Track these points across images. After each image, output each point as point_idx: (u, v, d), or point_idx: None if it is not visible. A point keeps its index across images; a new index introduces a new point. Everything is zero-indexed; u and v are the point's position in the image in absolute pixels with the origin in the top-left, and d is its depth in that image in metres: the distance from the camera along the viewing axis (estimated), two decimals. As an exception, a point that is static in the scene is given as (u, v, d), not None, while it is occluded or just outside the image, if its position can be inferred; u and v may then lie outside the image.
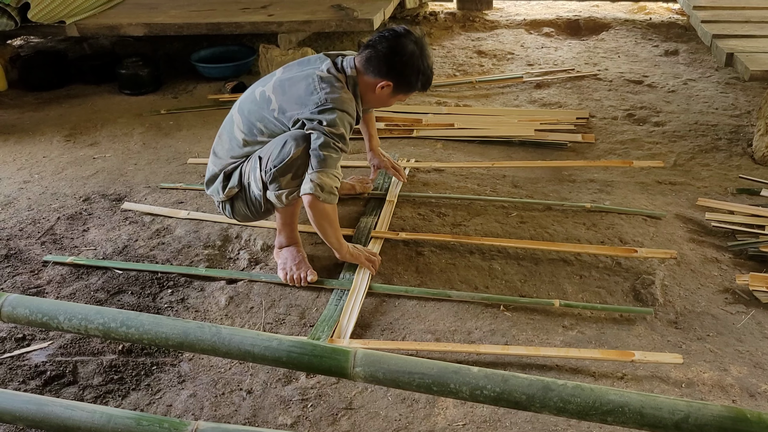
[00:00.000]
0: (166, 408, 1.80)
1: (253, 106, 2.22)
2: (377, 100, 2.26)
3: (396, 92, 2.21)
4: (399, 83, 2.18)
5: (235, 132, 2.24)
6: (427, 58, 2.19)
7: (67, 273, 2.33)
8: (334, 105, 2.07)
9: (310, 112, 2.08)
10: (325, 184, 2.06)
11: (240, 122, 2.23)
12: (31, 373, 1.90)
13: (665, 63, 4.16)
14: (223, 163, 2.26)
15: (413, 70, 2.16)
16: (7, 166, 3.15)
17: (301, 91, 2.12)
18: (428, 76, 2.21)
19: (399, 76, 2.17)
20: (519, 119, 3.40)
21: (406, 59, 2.14)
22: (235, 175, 2.24)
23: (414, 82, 2.19)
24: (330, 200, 2.10)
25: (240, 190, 2.25)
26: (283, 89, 2.17)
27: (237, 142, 2.23)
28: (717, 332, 2.00)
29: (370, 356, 1.23)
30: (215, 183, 2.29)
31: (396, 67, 2.15)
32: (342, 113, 2.08)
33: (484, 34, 4.83)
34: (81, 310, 1.34)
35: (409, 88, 2.21)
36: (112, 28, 3.94)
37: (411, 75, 2.17)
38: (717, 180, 2.82)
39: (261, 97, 2.21)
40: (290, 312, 2.14)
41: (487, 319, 2.07)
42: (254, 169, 2.16)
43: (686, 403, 1.11)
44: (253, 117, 2.20)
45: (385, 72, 2.16)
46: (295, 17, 3.81)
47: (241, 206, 2.28)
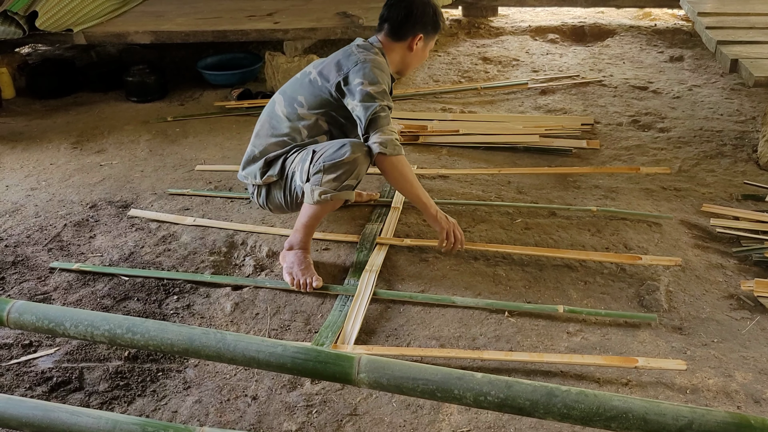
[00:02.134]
0: (171, 414, 1.80)
1: (293, 84, 2.40)
2: (418, 56, 2.39)
3: (427, 40, 2.37)
4: (426, 30, 2.34)
5: (277, 111, 2.37)
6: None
7: (74, 280, 2.35)
8: (372, 64, 2.22)
9: (350, 70, 2.22)
10: (386, 141, 2.16)
11: (282, 101, 2.37)
12: (38, 380, 1.91)
13: (670, 69, 4.16)
14: (264, 144, 2.34)
15: (429, 12, 2.32)
16: (15, 173, 3.17)
17: (339, 57, 2.30)
18: (440, 12, 2.38)
19: (424, 25, 2.32)
20: (524, 125, 3.40)
21: (418, 7, 2.30)
22: (277, 164, 2.32)
23: (436, 21, 2.35)
24: (397, 151, 2.19)
25: (280, 179, 2.32)
26: (324, 62, 2.35)
27: (278, 119, 2.35)
28: (722, 338, 2.00)
29: (374, 362, 1.24)
30: (253, 166, 2.37)
31: (419, 18, 2.31)
32: (380, 71, 2.22)
33: (489, 40, 4.84)
34: (87, 317, 1.35)
35: (434, 29, 2.37)
36: (119, 36, 3.97)
37: (430, 17, 2.33)
38: (722, 186, 2.81)
39: (301, 75, 2.39)
40: (295, 318, 2.15)
41: (492, 325, 2.07)
42: (304, 161, 2.22)
43: (690, 409, 1.11)
44: (294, 92, 2.36)
45: (412, 28, 2.31)
46: (300, 24, 3.83)
47: (277, 195, 2.36)
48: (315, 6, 4.20)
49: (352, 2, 4.17)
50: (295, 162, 2.26)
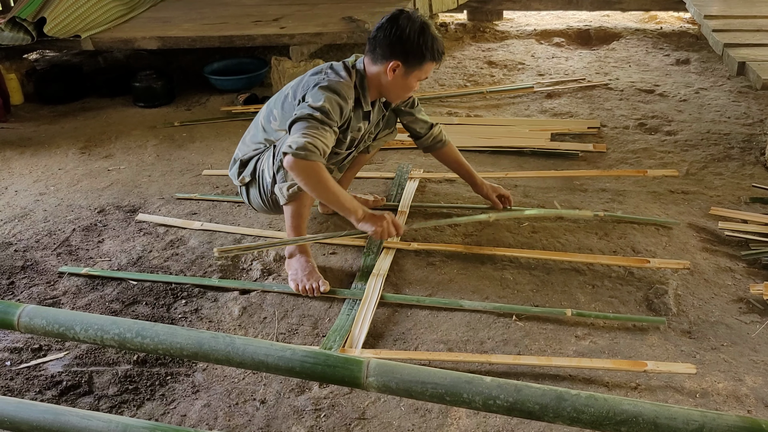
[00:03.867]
0: (180, 418, 1.81)
1: (276, 96, 2.38)
2: (396, 85, 2.23)
3: (408, 69, 2.18)
4: (406, 58, 2.16)
5: (259, 120, 2.40)
6: (428, 26, 2.16)
7: (83, 284, 2.36)
8: (327, 85, 2.14)
9: (309, 90, 2.17)
10: (299, 142, 2.01)
11: (264, 112, 2.39)
12: (48, 383, 1.92)
13: (677, 72, 4.16)
14: (245, 149, 2.41)
15: (414, 38, 2.13)
16: (24, 179, 3.19)
17: (309, 75, 2.26)
18: (432, 41, 2.16)
19: (403, 52, 2.15)
20: (530, 129, 3.40)
21: (404, 32, 2.13)
22: (250, 165, 2.37)
23: (420, 50, 2.15)
24: (306, 156, 2.01)
25: (252, 179, 2.37)
26: (300, 79, 2.31)
27: (257, 129, 2.39)
28: (731, 342, 1.99)
29: (382, 366, 1.24)
30: (233, 169, 2.44)
31: (397, 43, 2.14)
32: (332, 93, 2.13)
33: (494, 44, 4.85)
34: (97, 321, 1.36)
35: (418, 59, 2.16)
36: (127, 41, 3.99)
37: (414, 45, 2.14)
38: (730, 189, 2.80)
39: (282, 92, 2.35)
40: (303, 322, 2.15)
41: (500, 329, 2.07)
42: (268, 158, 2.28)
43: (701, 413, 1.11)
44: (273, 105, 2.36)
45: (389, 53, 2.16)
46: (306, 29, 3.84)
47: (255, 195, 2.40)
48: (321, 11, 4.22)
49: (357, 7, 4.18)
50: (263, 160, 2.32)
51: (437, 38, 2.18)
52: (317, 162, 2.04)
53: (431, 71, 2.27)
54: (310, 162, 2.02)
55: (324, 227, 2.63)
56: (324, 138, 2.06)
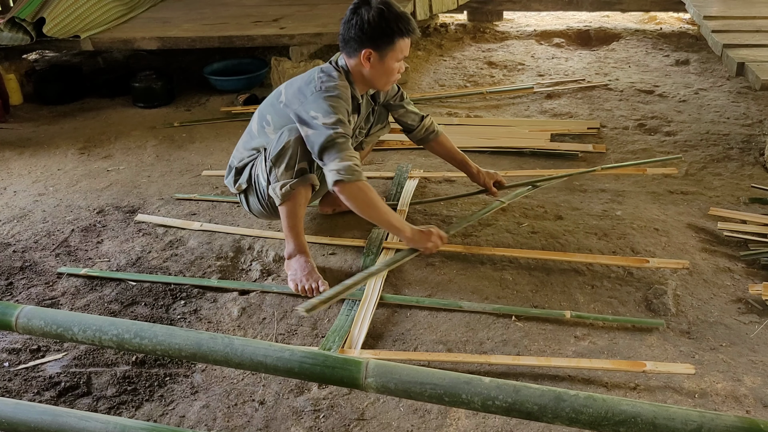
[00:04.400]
0: (179, 419, 1.80)
1: (267, 101, 2.37)
2: (377, 72, 2.21)
3: (381, 53, 2.17)
4: (375, 43, 2.15)
5: (252, 126, 2.39)
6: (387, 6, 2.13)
7: (81, 285, 2.35)
8: (326, 90, 2.14)
9: (307, 99, 2.15)
10: (341, 167, 2.08)
11: (257, 117, 2.38)
12: (46, 385, 1.92)
13: (676, 73, 4.16)
14: (240, 156, 2.40)
15: (375, 21, 2.11)
16: (23, 179, 3.19)
17: (302, 82, 2.23)
18: (396, 18, 2.13)
19: (371, 38, 2.14)
20: (530, 130, 3.40)
21: (364, 19, 2.12)
22: (245, 172, 2.37)
23: (384, 31, 2.13)
24: (353, 178, 2.08)
25: (249, 186, 2.37)
26: (292, 83, 2.30)
27: (251, 134, 2.38)
28: (730, 342, 1.99)
29: (381, 367, 1.24)
30: (229, 177, 2.45)
31: (361, 31, 2.14)
32: (334, 98, 2.14)
33: (494, 45, 4.85)
34: (95, 322, 1.36)
35: (386, 40, 2.14)
36: (126, 42, 3.99)
37: (377, 28, 2.12)
38: (729, 189, 2.80)
39: (275, 93, 2.35)
40: (302, 323, 2.15)
41: (499, 330, 2.07)
42: (261, 162, 2.29)
43: (699, 413, 1.11)
44: (265, 110, 2.35)
45: (358, 43, 2.16)
46: (306, 30, 3.84)
47: (253, 201, 2.40)
48: (321, 11, 4.22)
49: (357, 7, 4.17)
50: (257, 165, 2.32)
51: (401, 14, 2.15)
52: (362, 181, 2.11)
53: (408, 48, 2.22)
54: (357, 183, 2.10)
55: (323, 227, 2.63)
56: (350, 152, 2.12)
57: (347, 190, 2.10)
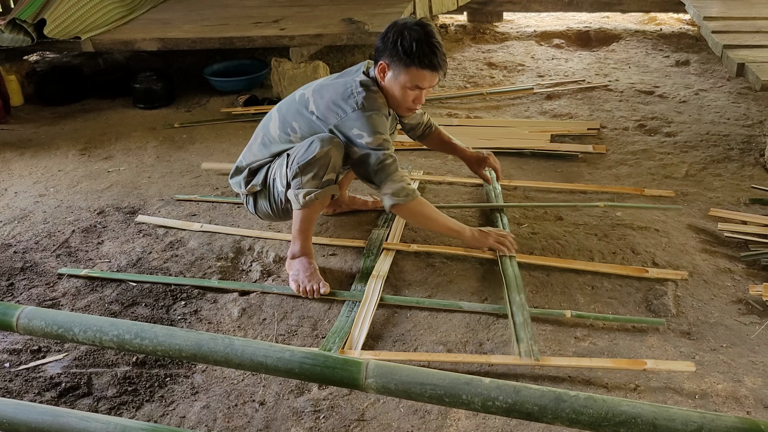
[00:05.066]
0: (179, 419, 1.81)
1: (291, 106, 2.27)
2: (391, 91, 2.17)
3: (397, 72, 2.11)
4: (391, 59, 2.10)
5: (271, 129, 2.30)
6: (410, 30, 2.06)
7: (82, 285, 2.36)
8: (368, 109, 2.11)
9: (348, 116, 2.11)
10: (394, 190, 2.12)
11: (277, 120, 2.29)
12: (47, 385, 1.92)
13: (676, 73, 4.16)
14: (253, 158, 2.33)
15: (403, 36, 2.05)
16: (23, 180, 3.19)
17: (338, 96, 2.16)
18: (416, 44, 2.04)
19: (390, 52, 2.09)
20: (530, 130, 3.40)
21: (388, 33, 2.09)
22: (260, 173, 2.31)
23: (406, 49, 2.05)
24: (409, 199, 2.14)
25: (263, 188, 2.31)
26: (321, 93, 2.21)
27: (270, 138, 2.29)
28: (730, 343, 1.99)
29: (382, 367, 1.24)
30: (239, 176, 2.36)
31: (382, 44, 2.11)
32: (375, 114, 2.12)
33: (494, 46, 4.85)
34: (96, 322, 1.36)
35: (404, 59, 2.07)
36: (127, 43, 3.99)
37: (394, 42, 2.07)
38: (729, 190, 2.80)
39: (300, 99, 2.26)
40: (302, 323, 2.15)
41: (499, 330, 2.07)
42: (281, 166, 2.21)
43: (700, 414, 1.11)
44: (289, 116, 2.26)
45: (379, 52, 2.13)
46: (306, 31, 3.85)
47: (263, 204, 2.34)
48: (321, 12, 4.22)
49: (357, 9, 4.18)
50: (275, 168, 2.26)
51: (431, 45, 2.06)
52: (418, 198, 2.17)
53: (426, 81, 2.12)
54: (414, 202, 2.16)
55: (323, 228, 2.63)
56: (399, 172, 2.14)
57: (404, 211, 2.18)
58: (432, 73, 2.10)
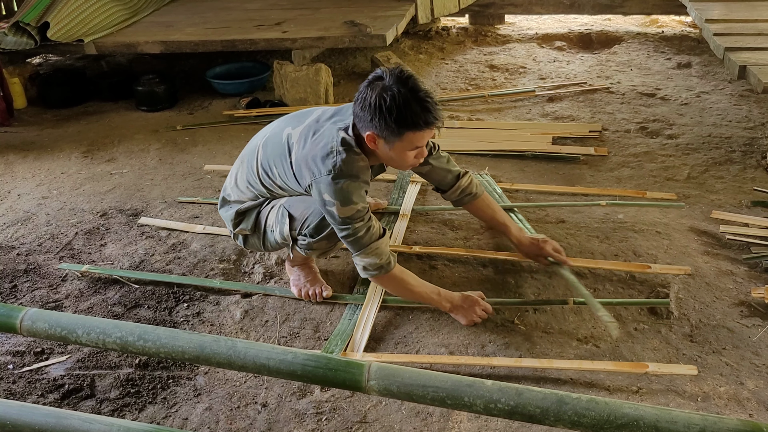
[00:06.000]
0: (182, 421, 1.81)
1: (276, 148, 2.07)
2: (388, 158, 1.97)
3: (391, 141, 1.88)
4: (381, 131, 1.86)
5: (255, 165, 2.13)
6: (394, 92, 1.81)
7: (85, 288, 2.36)
8: (343, 175, 1.90)
9: (322, 177, 1.91)
10: (365, 263, 1.99)
11: (262, 158, 2.11)
12: (50, 387, 1.93)
13: (678, 76, 4.16)
14: (240, 195, 2.19)
15: (383, 106, 1.81)
16: (27, 182, 3.20)
17: (318, 150, 1.94)
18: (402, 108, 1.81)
19: (376, 125, 1.85)
20: (531, 133, 3.41)
21: (370, 99, 1.83)
22: (249, 218, 2.17)
23: (395, 119, 1.82)
24: (382, 272, 2.00)
25: (254, 233, 2.19)
26: (305, 141, 2.00)
27: (254, 177, 2.14)
28: (733, 345, 1.99)
29: (384, 369, 1.24)
30: (227, 211, 2.22)
31: (366, 112, 1.85)
32: (352, 182, 1.91)
33: (496, 48, 4.85)
34: (99, 324, 1.37)
35: (391, 131, 1.84)
36: (130, 45, 4.00)
37: (383, 113, 1.81)
38: (731, 192, 2.80)
39: (286, 142, 2.05)
40: (305, 326, 2.16)
41: (501, 333, 2.07)
42: (281, 223, 2.10)
43: (702, 416, 1.11)
44: (272, 160, 2.08)
45: (363, 124, 1.89)
46: (308, 34, 3.86)
47: (255, 242, 2.22)
48: (323, 15, 4.23)
49: (359, 11, 4.19)
50: (270, 219, 2.14)
51: (411, 102, 1.81)
52: (393, 270, 2.02)
53: (425, 138, 1.90)
54: (388, 275, 2.02)
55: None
56: (378, 237, 1.98)
57: (378, 281, 2.07)
58: (430, 130, 1.88)
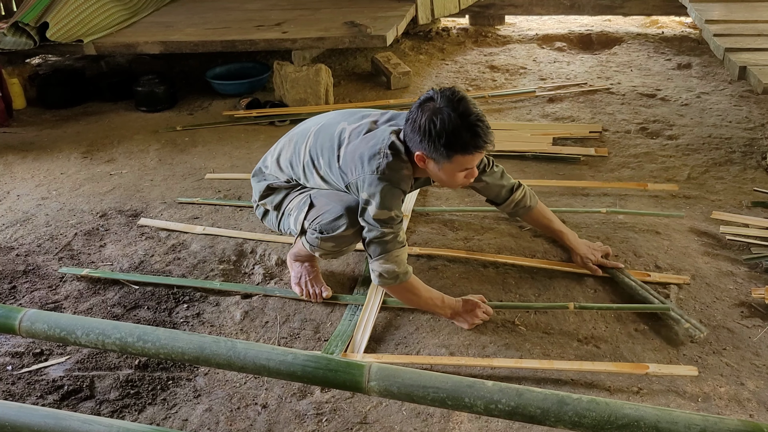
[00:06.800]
0: (181, 422, 1.81)
1: (327, 139, 2.08)
2: (438, 177, 1.99)
3: (440, 163, 1.90)
4: (431, 154, 1.88)
5: (302, 150, 2.14)
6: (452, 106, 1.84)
7: (84, 288, 2.36)
8: (386, 179, 1.92)
9: (366, 178, 1.94)
10: (383, 270, 1.98)
11: (311, 144, 2.12)
12: (49, 388, 1.92)
13: (678, 76, 4.16)
14: (278, 172, 2.21)
15: (433, 129, 1.83)
16: (26, 183, 3.20)
17: (367, 148, 1.96)
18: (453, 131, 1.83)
19: (427, 147, 1.87)
20: (532, 133, 3.40)
21: (422, 121, 1.86)
22: (277, 197, 2.20)
23: (437, 145, 1.84)
24: (397, 282, 2.00)
25: (275, 210, 2.22)
26: (358, 138, 2.02)
27: (298, 160, 2.15)
28: (733, 346, 1.99)
29: (384, 370, 1.24)
30: (259, 183, 2.26)
31: (417, 134, 1.88)
32: (392, 188, 1.93)
33: (496, 49, 4.85)
34: (98, 325, 1.36)
35: (441, 154, 1.87)
36: (129, 46, 4.00)
37: (432, 139, 1.84)
38: (731, 193, 2.80)
39: (338, 135, 2.06)
40: (305, 326, 2.15)
41: (502, 333, 2.07)
42: (299, 209, 2.11)
43: (702, 417, 1.11)
44: (321, 149, 2.08)
45: (414, 144, 1.91)
46: (308, 34, 3.85)
47: (271, 219, 2.26)
48: (323, 16, 4.23)
49: (359, 12, 4.19)
50: (293, 204, 2.15)
51: (461, 128, 1.83)
52: (407, 280, 2.02)
53: (475, 161, 1.92)
54: (402, 284, 2.02)
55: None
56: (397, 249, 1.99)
57: (390, 289, 2.08)
58: (480, 153, 1.91)
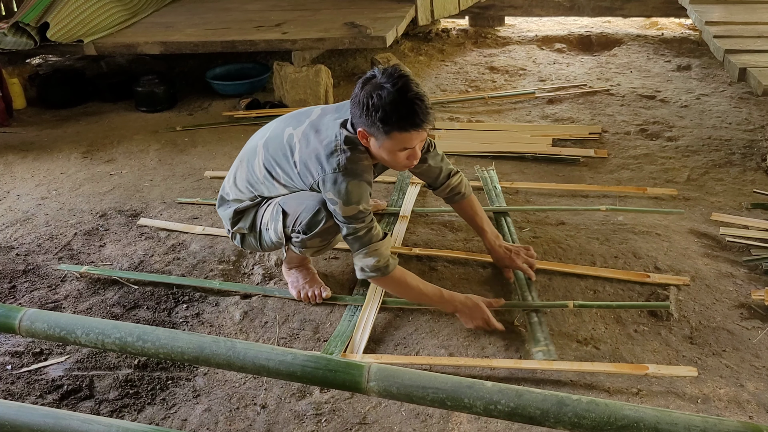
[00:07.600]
0: (181, 422, 1.81)
1: (278, 149, 2.07)
2: (378, 155, 1.95)
3: (380, 140, 1.88)
4: (369, 128, 1.87)
5: (255, 166, 2.12)
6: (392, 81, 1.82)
7: (84, 288, 2.36)
8: (348, 174, 1.91)
9: (327, 176, 1.92)
10: (364, 264, 1.98)
11: (263, 159, 2.10)
12: (49, 387, 1.92)
13: (678, 78, 4.16)
14: (238, 194, 2.18)
15: (372, 104, 1.82)
16: (26, 183, 3.20)
17: (322, 148, 1.95)
18: (390, 107, 1.80)
19: (364, 120, 1.86)
20: (531, 134, 3.41)
21: (360, 96, 1.85)
22: (247, 218, 2.16)
23: (381, 118, 1.82)
24: (380, 274, 1.99)
25: (251, 232, 2.17)
26: (308, 139, 2.00)
27: (255, 178, 2.13)
28: (733, 347, 1.99)
29: (384, 371, 1.24)
30: (225, 210, 2.21)
31: (357, 111, 1.87)
32: (356, 181, 1.92)
33: (496, 50, 4.86)
34: (98, 325, 1.36)
35: (379, 130, 1.84)
36: (129, 46, 4.00)
37: (371, 111, 1.82)
38: (731, 195, 2.80)
39: (288, 142, 2.04)
40: (304, 327, 2.15)
41: (501, 334, 2.06)
42: (275, 221, 2.07)
43: (702, 418, 1.11)
44: (275, 160, 2.07)
45: (356, 117, 1.90)
46: (308, 35, 3.85)
47: (251, 242, 2.21)
48: (323, 16, 4.23)
49: (359, 13, 4.19)
50: (266, 218, 2.11)
51: (398, 103, 1.81)
52: (395, 271, 2.01)
53: (415, 140, 1.89)
54: (389, 276, 2.01)
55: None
56: (379, 239, 1.98)
57: (377, 282, 2.08)
58: (417, 132, 1.87)
